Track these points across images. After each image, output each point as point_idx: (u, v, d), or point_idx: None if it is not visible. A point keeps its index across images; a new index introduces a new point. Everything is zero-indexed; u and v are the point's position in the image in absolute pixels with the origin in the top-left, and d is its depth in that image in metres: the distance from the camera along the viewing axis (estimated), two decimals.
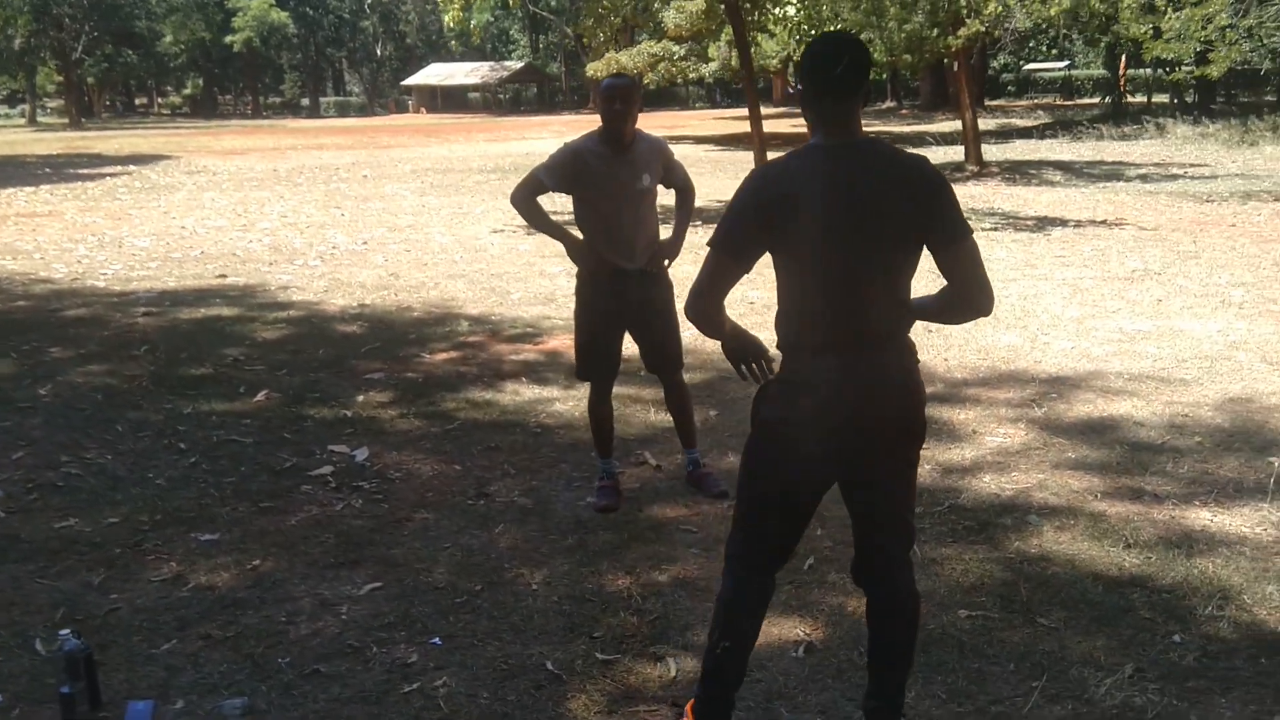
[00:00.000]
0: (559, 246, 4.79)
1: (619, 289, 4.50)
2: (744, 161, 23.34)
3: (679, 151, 4.80)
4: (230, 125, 57.63)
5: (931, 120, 37.56)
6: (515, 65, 77.01)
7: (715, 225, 2.62)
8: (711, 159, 25.14)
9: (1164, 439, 5.25)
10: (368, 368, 6.89)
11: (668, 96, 66.37)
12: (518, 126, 47.41)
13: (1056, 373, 6.48)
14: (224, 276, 10.48)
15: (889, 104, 53.52)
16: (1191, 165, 20.43)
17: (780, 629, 3.49)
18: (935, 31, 18.02)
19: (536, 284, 9.80)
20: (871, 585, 2.80)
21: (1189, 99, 36.33)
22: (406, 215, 15.49)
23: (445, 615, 3.67)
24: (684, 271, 3.69)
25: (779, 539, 2.77)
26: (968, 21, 17.31)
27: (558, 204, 4.83)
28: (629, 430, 5.59)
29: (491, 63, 76.90)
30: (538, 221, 4.57)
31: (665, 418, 5.73)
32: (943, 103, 44.36)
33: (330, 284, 9.98)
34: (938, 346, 7.17)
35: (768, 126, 14.76)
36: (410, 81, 77.84)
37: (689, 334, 4.49)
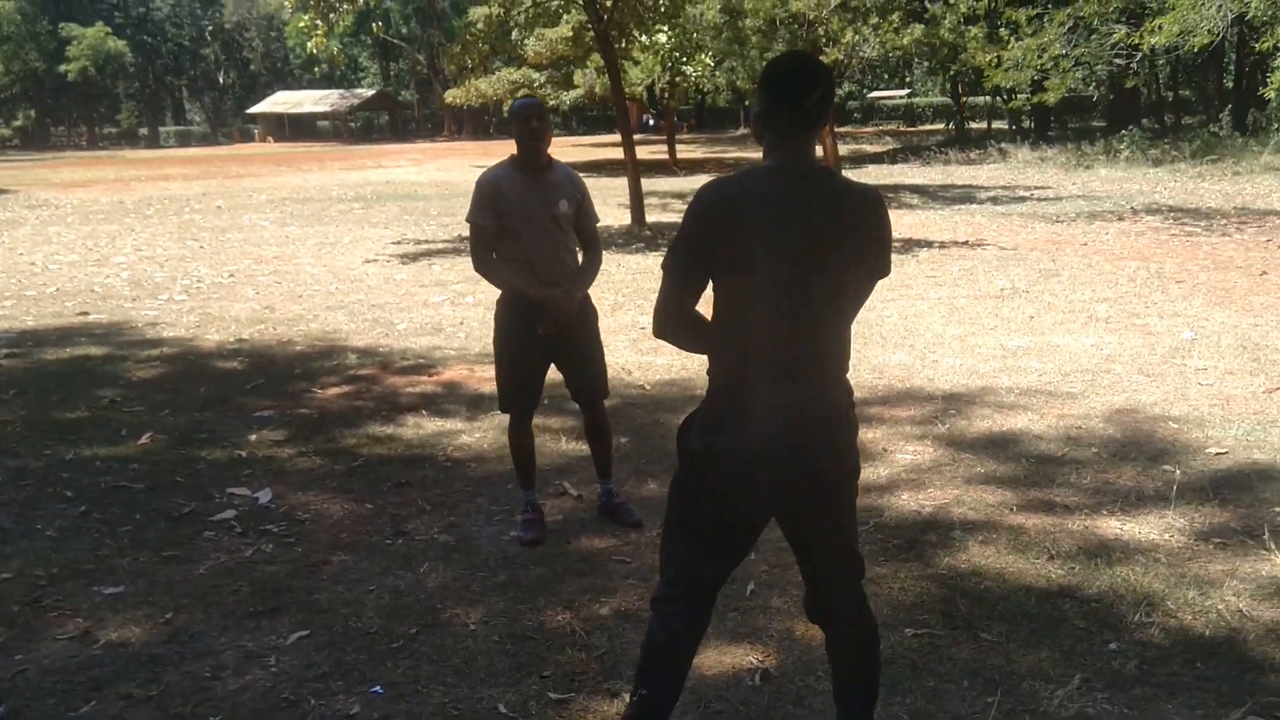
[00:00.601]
0: (438, 275, 4.69)
1: (540, 316, 4.41)
2: (615, 187, 23.46)
3: None
4: (65, 156, 55.20)
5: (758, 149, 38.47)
6: (366, 92, 75.87)
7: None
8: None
9: (1063, 451, 5.42)
10: (256, 405, 6.62)
11: None
12: (373, 155, 46.68)
13: (950, 389, 6.65)
14: (85, 314, 9.96)
15: (742, 130, 54.64)
16: (1036, 187, 21.40)
17: (732, 657, 3.46)
18: None
19: (421, 314, 9.60)
20: (829, 620, 2.73)
21: (1026, 125, 38.07)
22: (270, 246, 15.03)
23: (382, 661, 3.52)
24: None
25: (713, 577, 2.64)
26: (826, 50, 17.79)
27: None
28: (543, 460, 5.45)
29: (341, 90, 75.57)
30: (508, 283, 4.43)
31: (578, 446, 5.69)
32: None
33: (201, 319, 9.59)
34: None
35: (618, 154, 14.87)
36: (256, 109, 75.93)
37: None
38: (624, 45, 15.07)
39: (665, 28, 14.55)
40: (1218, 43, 21.29)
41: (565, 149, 45.87)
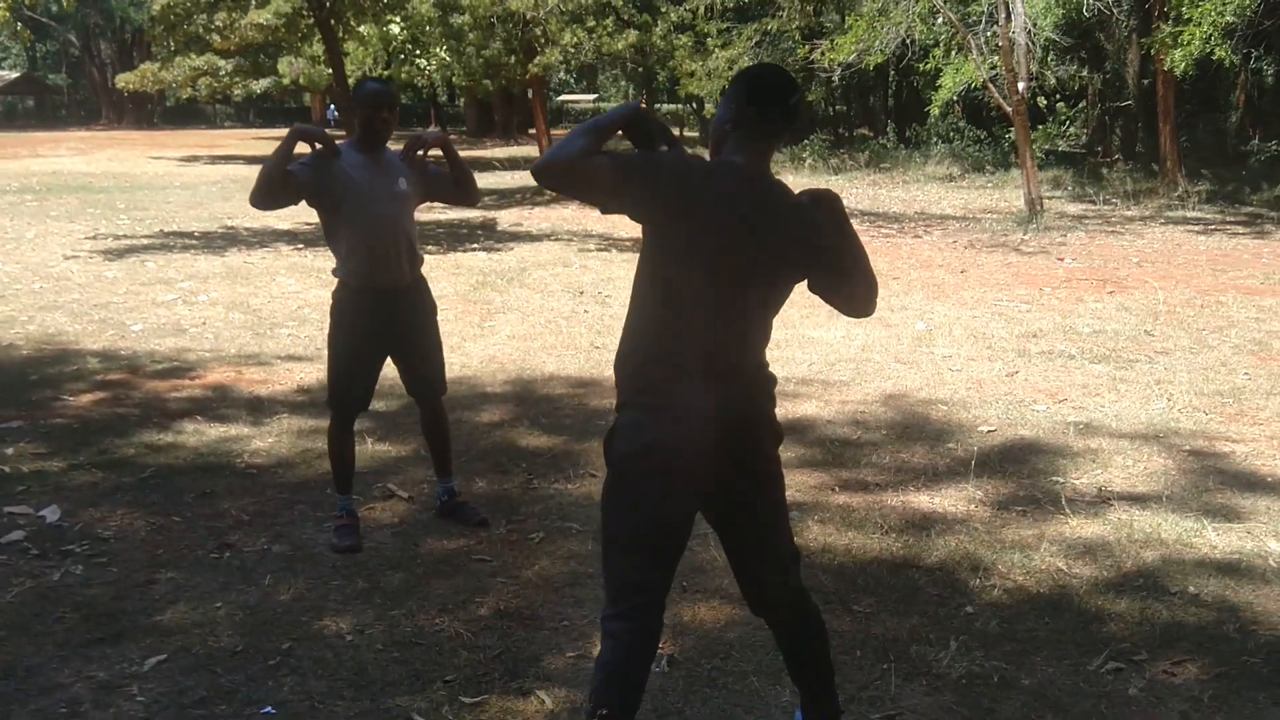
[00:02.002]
0: (157, 273, 4.41)
1: (381, 310, 4.24)
2: None
3: (228, 172, 4.55)
4: None
5: (483, 147, 38.47)
6: (9, 75, 68.90)
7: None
8: None
9: (856, 435, 5.78)
10: None
11: (189, 114, 61.90)
12: (25, 143, 42.41)
13: None
14: None
15: (433, 129, 53.94)
16: None
17: None
18: (513, 59, 18.51)
19: (155, 315, 8.89)
20: (775, 612, 2.77)
21: None
22: None
23: (262, 681, 3.27)
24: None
25: (659, 584, 2.59)
26: (545, 51, 17.95)
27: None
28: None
29: None
30: (271, 168, 4.06)
31: (388, 448, 5.51)
32: (489, 130, 45.52)
33: None
34: (608, 359, 7.37)
35: (307, 148, 14.29)
36: None
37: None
38: (342, 35, 14.53)
39: (397, 19, 14.21)
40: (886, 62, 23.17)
41: (246, 141, 43.63)
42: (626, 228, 15.77)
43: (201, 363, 7.24)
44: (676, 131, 46.14)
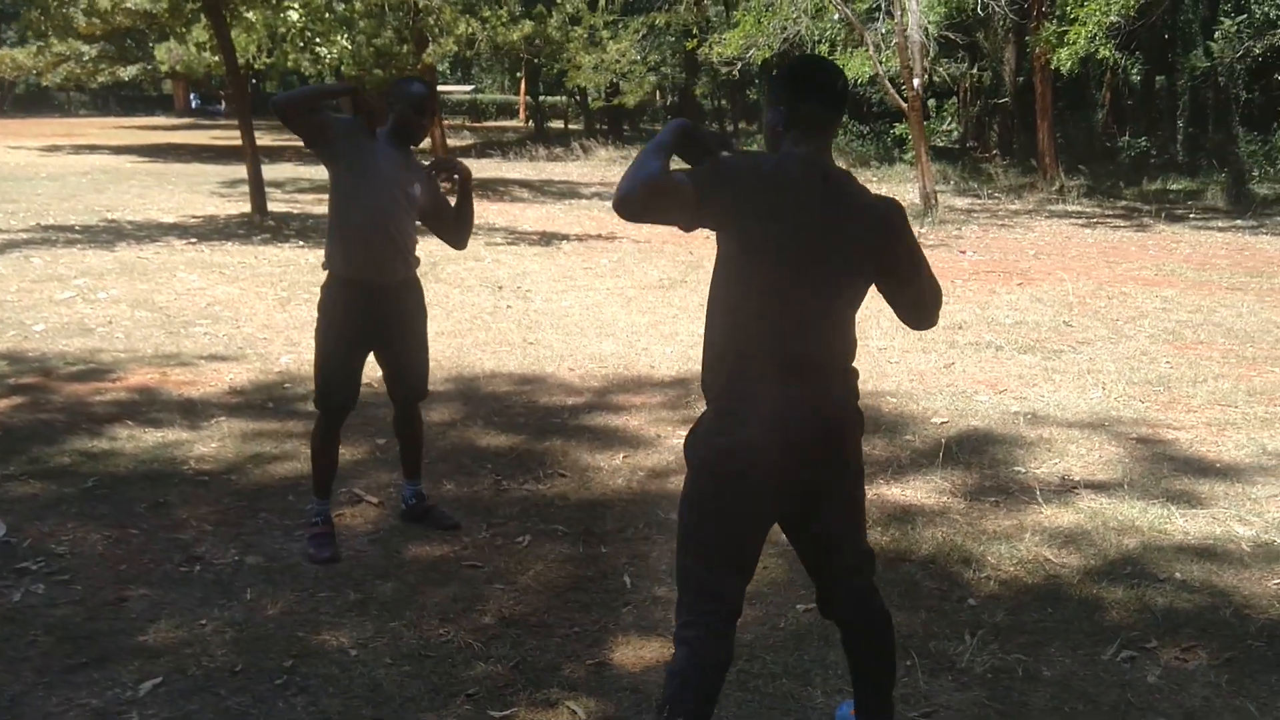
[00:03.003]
0: (46, 270, 4.24)
1: (372, 306, 4.07)
2: (199, 175, 21.79)
3: (95, 162, 4.36)
4: None
5: None
6: None
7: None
8: (155, 173, 23.01)
9: None
10: None
11: (39, 101, 58.81)
12: None
13: (678, 375, 6.86)
14: None
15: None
16: None
17: (651, 651, 3.39)
18: (405, 48, 18.10)
19: (56, 314, 8.40)
20: (847, 613, 2.73)
21: (600, 126, 39.78)
22: None
23: (272, 701, 3.10)
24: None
25: (737, 589, 2.54)
26: (440, 41, 17.60)
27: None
28: (306, 468, 5.05)
29: None
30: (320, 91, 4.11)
31: (342, 451, 5.28)
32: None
33: None
34: (558, 357, 7.27)
35: (174, 138, 13.86)
36: None
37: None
38: (229, 20, 13.96)
39: (295, 4, 13.71)
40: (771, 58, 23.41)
41: (108, 131, 41.82)
42: (530, 221, 15.61)
43: (119, 364, 6.87)
44: (561, 125, 45.98)
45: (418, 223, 4.23)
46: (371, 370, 4.31)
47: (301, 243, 12.86)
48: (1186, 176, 22.68)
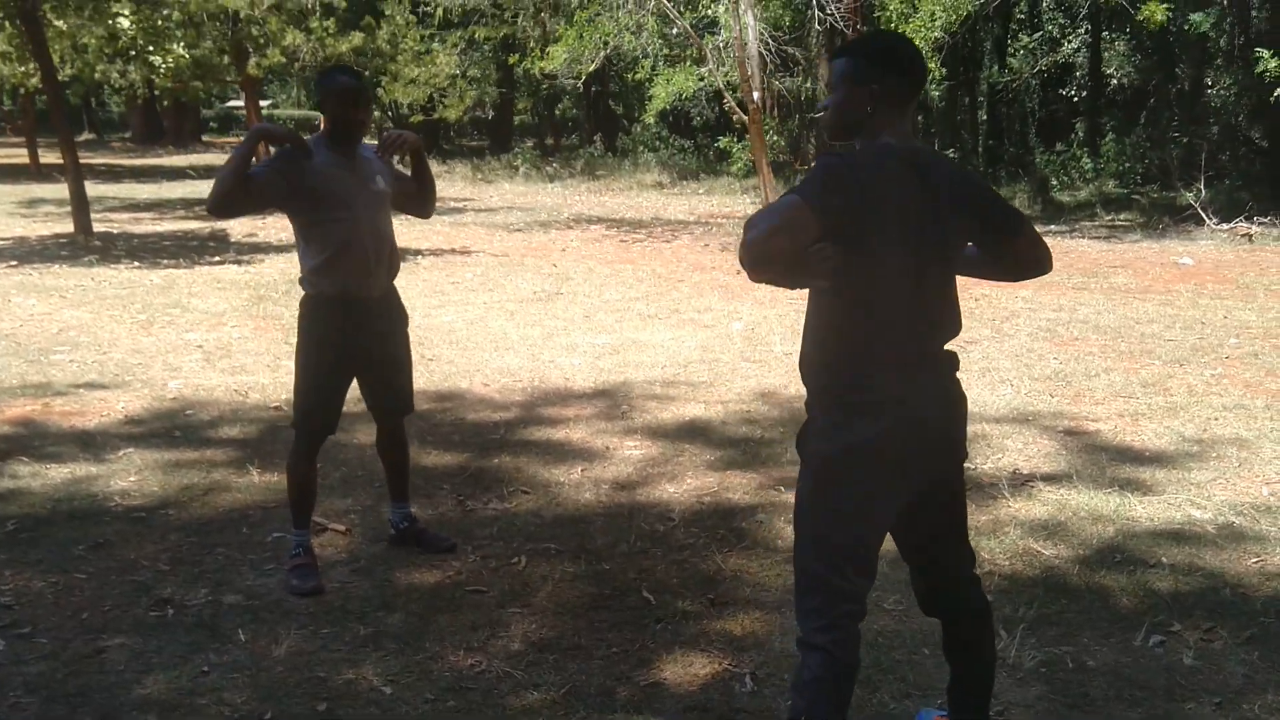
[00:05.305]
0: None
1: (356, 321, 3.81)
2: (10, 194, 20.19)
3: None
4: None
5: (154, 155, 35.90)
6: None
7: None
8: None
9: (758, 434, 5.76)
10: None
11: None
12: None
13: (596, 386, 6.73)
14: None
15: (88, 136, 49.39)
16: (463, 199, 22.02)
17: (704, 666, 3.27)
18: (225, 59, 17.26)
19: None
20: (953, 609, 2.68)
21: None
22: None
23: None
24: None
25: (864, 591, 2.47)
26: (268, 52, 16.85)
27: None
28: (251, 497, 4.70)
29: None
30: (229, 173, 3.64)
31: (279, 477, 4.94)
32: (158, 137, 42.53)
33: None
34: (465, 373, 7.02)
35: None
36: None
37: None
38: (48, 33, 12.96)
39: (127, 11, 12.72)
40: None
41: None
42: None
43: None
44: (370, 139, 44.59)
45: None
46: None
47: (138, 263, 12.08)
48: (992, 186, 23.91)
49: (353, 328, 3.80)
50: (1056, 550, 4.21)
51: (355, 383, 4.00)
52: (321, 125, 3.85)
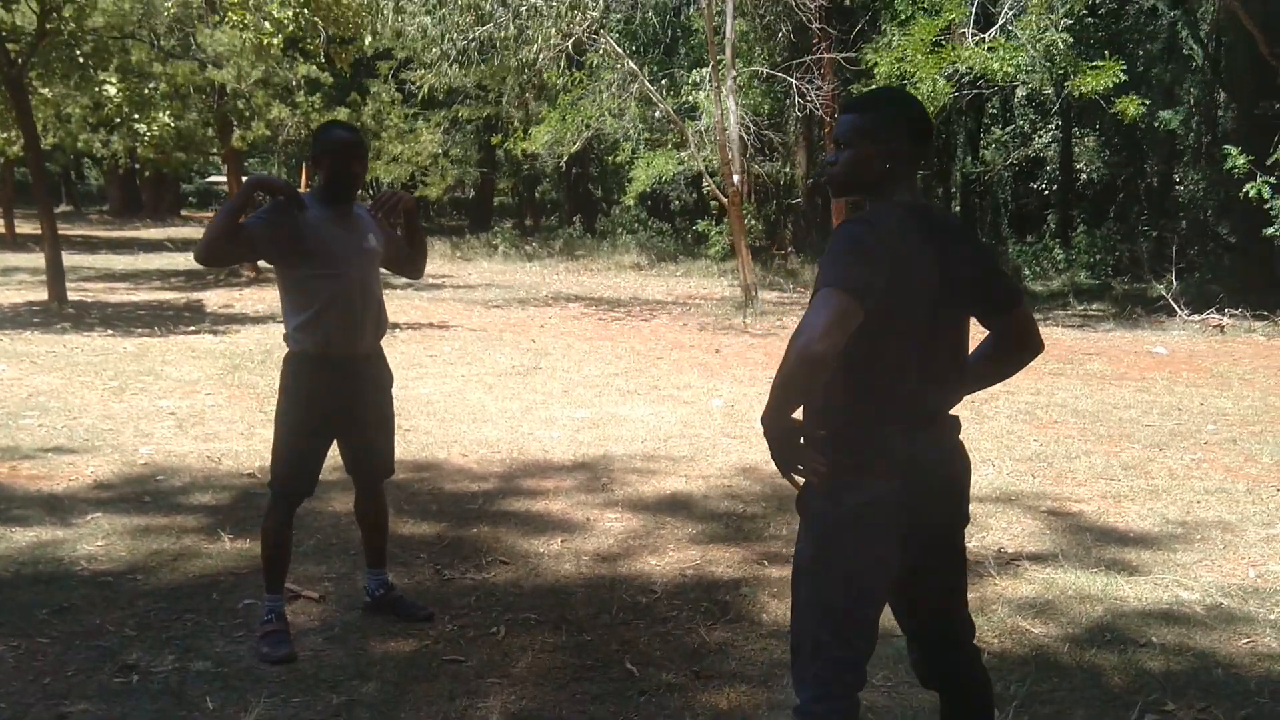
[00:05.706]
0: None
1: (340, 379, 3.75)
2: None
3: None
4: None
5: (132, 228, 35.94)
6: None
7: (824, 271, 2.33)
8: None
9: (740, 509, 5.69)
10: None
11: None
12: None
13: (576, 459, 6.66)
14: None
15: (66, 208, 49.35)
16: (441, 276, 22.06)
17: None
18: (209, 131, 17.34)
19: None
20: (953, 679, 2.60)
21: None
22: None
23: None
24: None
25: (865, 659, 2.42)
26: (253, 125, 16.94)
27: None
28: (222, 564, 4.58)
29: None
30: (222, 221, 3.61)
31: (250, 544, 4.83)
32: (136, 210, 42.59)
33: None
34: (444, 444, 6.94)
35: None
36: None
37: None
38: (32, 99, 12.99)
39: (114, 79, 12.78)
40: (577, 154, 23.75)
41: None
42: None
43: None
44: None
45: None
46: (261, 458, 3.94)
47: (111, 331, 11.98)
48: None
49: (337, 386, 3.74)
50: (1046, 629, 4.15)
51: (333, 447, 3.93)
52: (316, 181, 3.82)
